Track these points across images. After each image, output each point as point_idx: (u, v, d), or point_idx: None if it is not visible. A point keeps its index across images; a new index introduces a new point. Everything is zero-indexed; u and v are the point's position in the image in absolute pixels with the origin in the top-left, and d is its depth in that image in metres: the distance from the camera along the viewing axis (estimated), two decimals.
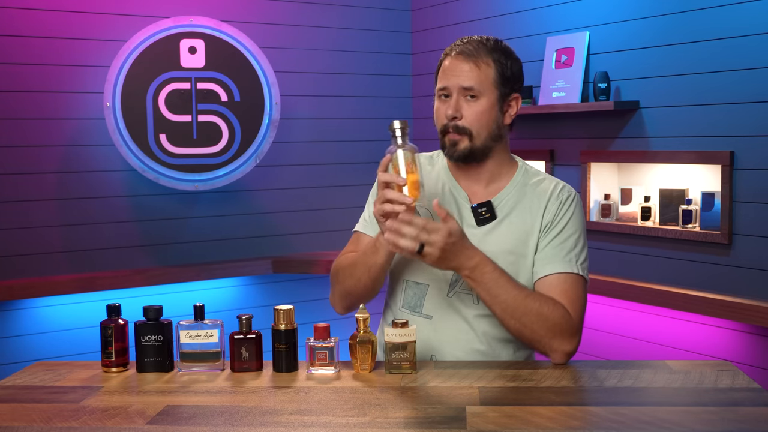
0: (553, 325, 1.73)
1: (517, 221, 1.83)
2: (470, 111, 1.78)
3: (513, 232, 1.82)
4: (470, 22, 3.93)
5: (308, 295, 3.99)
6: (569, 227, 1.81)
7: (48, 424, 1.49)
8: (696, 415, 1.48)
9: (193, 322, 1.83)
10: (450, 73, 1.80)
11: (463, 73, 1.78)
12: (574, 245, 1.81)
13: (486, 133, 1.80)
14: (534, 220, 1.82)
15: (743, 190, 2.86)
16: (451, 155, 1.83)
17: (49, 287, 3.37)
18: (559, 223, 1.81)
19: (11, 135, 3.42)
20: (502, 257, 1.79)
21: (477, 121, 1.78)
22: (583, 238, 1.84)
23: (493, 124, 1.81)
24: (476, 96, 1.78)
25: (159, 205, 3.74)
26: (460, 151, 1.81)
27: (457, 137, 1.80)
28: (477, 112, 1.78)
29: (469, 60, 1.78)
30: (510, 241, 1.82)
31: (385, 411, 1.53)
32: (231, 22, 3.72)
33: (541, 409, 1.52)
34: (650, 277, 3.16)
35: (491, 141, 1.82)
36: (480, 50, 1.79)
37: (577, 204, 1.85)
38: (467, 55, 1.79)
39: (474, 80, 1.77)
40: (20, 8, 3.40)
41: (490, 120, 1.80)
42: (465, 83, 1.77)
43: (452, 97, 1.79)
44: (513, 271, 1.80)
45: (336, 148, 4.13)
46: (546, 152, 3.54)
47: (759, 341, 2.87)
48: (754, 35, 2.80)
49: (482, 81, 1.78)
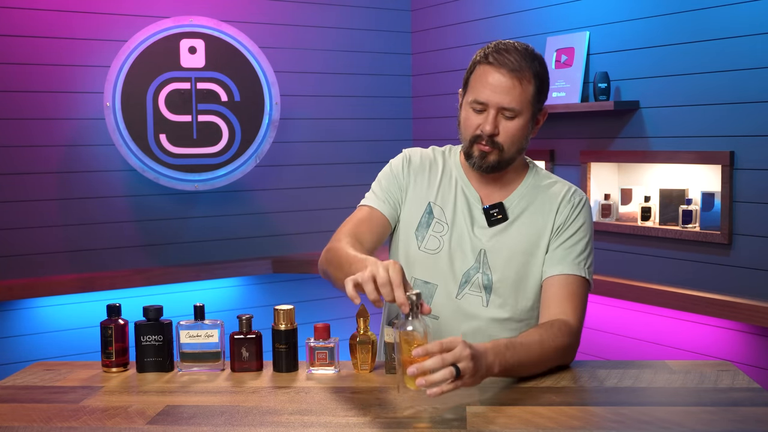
0: (564, 350, 1.73)
1: (528, 222, 1.83)
2: (507, 129, 1.77)
3: (524, 233, 1.83)
4: (470, 22, 3.93)
5: (308, 295, 3.99)
6: (580, 231, 1.83)
7: (48, 424, 1.49)
8: (696, 415, 1.48)
9: (193, 322, 1.83)
10: (490, 89, 1.74)
11: (505, 91, 1.73)
12: (584, 249, 1.82)
13: (516, 148, 1.80)
14: (546, 222, 1.83)
15: (743, 190, 2.86)
16: (480, 166, 1.81)
17: (49, 287, 3.37)
18: (571, 226, 1.82)
19: (12, 135, 3.42)
20: (513, 258, 1.81)
21: (511, 138, 1.77)
22: (592, 243, 1.85)
23: (524, 140, 1.81)
24: (515, 116, 1.76)
25: (159, 205, 3.74)
26: (489, 162, 1.79)
27: (489, 149, 1.78)
28: (514, 130, 1.77)
29: (513, 77, 1.73)
30: (521, 242, 1.82)
31: (385, 411, 1.53)
32: (231, 22, 3.72)
33: (541, 409, 1.52)
34: (650, 277, 3.16)
35: (517, 154, 1.82)
36: (522, 64, 1.74)
37: (588, 208, 1.87)
38: (511, 70, 1.73)
39: (516, 101, 1.74)
40: (20, 8, 3.40)
41: (523, 136, 1.79)
42: (507, 104, 1.74)
43: (489, 113, 1.75)
44: (524, 271, 1.81)
45: (336, 148, 4.13)
46: (546, 152, 3.54)
47: (759, 341, 2.87)
48: (754, 35, 2.80)
49: (522, 101, 1.75)
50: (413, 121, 4.32)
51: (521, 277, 1.82)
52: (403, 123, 4.31)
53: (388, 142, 4.24)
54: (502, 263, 1.81)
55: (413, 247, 1.88)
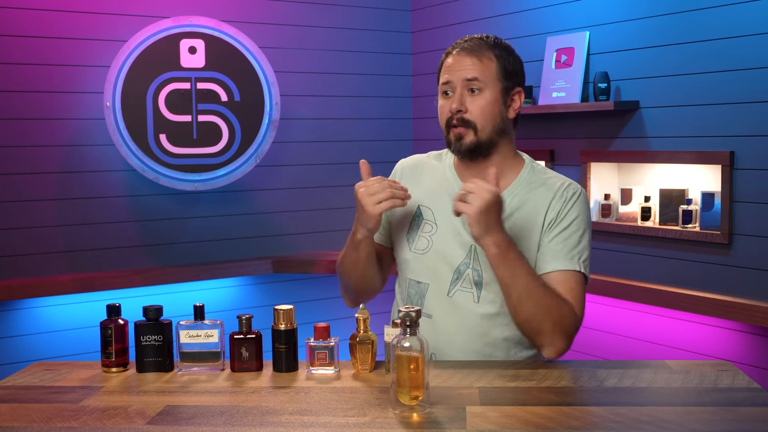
0: (559, 321, 1.73)
1: (522, 218, 1.83)
2: (474, 104, 1.79)
3: (518, 228, 1.82)
4: (470, 22, 3.93)
5: (308, 295, 3.99)
6: (574, 224, 1.80)
7: (48, 424, 1.49)
8: (696, 415, 1.48)
9: (193, 322, 1.83)
10: (453, 68, 1.81)
11: (466, 66, 1.79)
12: (578, 242, 1.80)
13: (491, 126, 1.80)
14: (537, 218, 1.82)
15: (743, 190, 2.86)
16: (457, 150, 1.83)
17: (49, 287, 3.37)
18: (564, 219, 1.80)
19: (12, 135, 3.42)
20: None
21: (482, 114, 1.79)
22: (588, 235, 1.83)
23: (498, 118, 1.81)
24: (480, 89, 1.79)
25: (159, 205, 3.74)
26: (466, 145, 1.81)
27: (463, 131, 1.80)
28: (481, 105, 1.79)
29: (472, 55, 1.80)
30: (514, 237, 1.79)
31: (385, 411, 1.53)
32: (231, 22, 3.72)
33: (541, 409, 1.52)
34: (650, 277, 3.16)
35: (496, 135, 1.82)
36: (482, 46, 1.81)
37: (582, 201, 1.84)
38: (469, 51, 1.80)
39: (477, 72, 1.79)
40: (20, 8, 3.40)
41: (495, 113, 1.80)
42: (468, 75, 1.78)
43: (456, 91, 1.80)
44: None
45: (336, 148, 4.13)
46: (546, 152, 3.54)
47: (759, 341, 2.87)
48: (754, 35, 2.80)
49: (485, 74, 1.79)
50: (413, 121, 4.32)
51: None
52: (403, 123, 4.31)
53: (388, 142, 4.24)
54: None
55: (405, 250, 1.91)
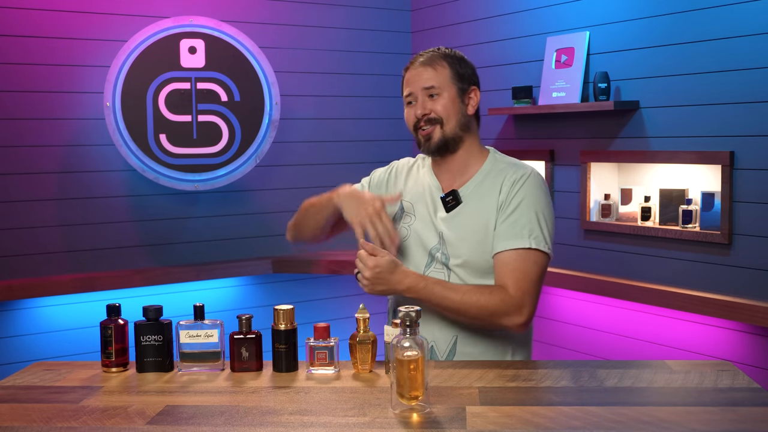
0: (493, 312, 1.88)
1: (479, 205, 1.98)
2: (437, 105, 1.99)
3: (475, 215, 1.97)
4: (470, 22, 3.93)
5: (308, 295, 3.99)
6: (522, 205, 1.94)
7: (48, 424, 1.49)
8: (696, 415, 1.48)
9: (193, 322, 1.83)
10: (412, 80, 2.02)
11: (423, 77, 2.00)
12: (527, 221, 1.93)
13: (454, 120, 2.00)
14: (491, 203, 1.97)
15: (743, 190, 2.86)
16: (427, 149, 2.03)
17: (49, 287, 3.37)
18: (512, 202, 1.94)
19: (11, 135, 3.42)
20: (465, 239, 1.96)
21: (444, 110, 1.99)
22: (541, 213, 1.94)
23: (459, 114, 2.00)
24: (438, 93, 1.99)
25: (159, 205, 3.74)
26: (435, 142, 2.00)
27: (430, 129, 2.00)
28: (442, 103, 2.00)
29: (426, 66, 2.01)
30: (473, 223, 1.96)
31: (385, 411, 1.53)
32: (231, 22, 3.72)
33: (541, 409, 1.52)
34: (650, 277, 3.16)
35: (460, 130, 2.01)
36: (434, 57, 2.02)
37: (530, 182, 1.97)
38: (423, 63, 2.02)
39: (433, 80, 1.99)
40: (20, 8, 3.40)
41: (456, 110, 2.00)
42: (426, 84, 1.99)
43: (418, 100, 2.01)
44: (482, 249, 1.95)
45: (336, 148, 4.13)
46: (546, 152, 3.54)
47: (759, 341, 2.87)
48: (754, 35, 2.80)
49: (440, 79, 1.99)
50: None
51: (475, 257, 1.95)
52: (403, 123, 4.30)
53: (388, 142, 4.24)
54: (456, 244, 1.96)
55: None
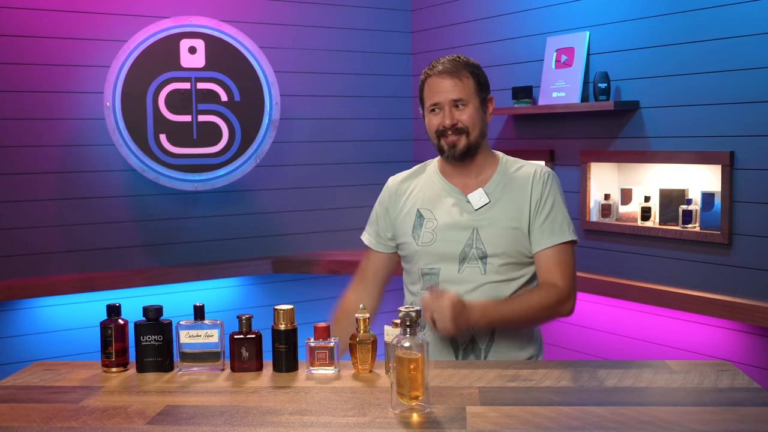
0: (552, 307, 2.04)
1: (509, 201, 2.11)
2: (464, 116, 2.10)
3: (506, 210, 2.10)
4: (470, 22, 3.93)
5: (308, 295, 3.99)
6: (556, 204, 2.12)
7: (48, 424, 1.49)
8: (696, 415, 1.48)
9: (193, 322, 1.83)
10: (438, 90, 2.10)
11: (450, 88, 2.09)
12: (562, 217, 2.12)
13: (478, 129, 2.12)
14: (523, 199, 2.11)
15: (743, 190, 2.86)
16: (452, 155, 2.12)
17: (49, 287, 3.37)
18: (547, 201, 2.11)
19: (11, 135, 3.42)
20: (501, 232, 2.08)
21: (470, 120, 2.11)
22: (565, 206, 2.15)
23: (482, 123, 2.14)
24: (465, 104, 2.10)
25: (159, 205, 3.73)
26: (460, 149, 2.11)
27: (456, 138, 2.10)
28: (468, 114, 2.11)
29: (452, 77, 2.09)
30: (505, 218, 2.10)
31: (385, 411, 1.53)
32: (231, 22, 3.72)
33: (541, 409, 1.52)
34: (650, 277, 3.16)
35: (480, 138, 2.14)
36: (458, 67, 2.11)
37: (554, 180, 2.15)
38: (449, 73, 2.10)
39: (462, 92, 2.09)
40: (20, 8, 3.40)
41: (479, 119, 2.13)
42: (454, 96, 2.09)
43: (444, 110, 2.09)
44: (514, 241, 2.08)
45: (336, 148, 4.13)
46: (546, 152, 3.54)
47: (759, 341, 2.87)
48: (754, 35, 2.80)
49: (466, 91, 2.10)
50: (413, 121, 4.32)
51: (510, 246, 2.08)
52: (403, 123, 4.31)
53: (388, 142, 4.24)
54: (492, 237, 2.08)
55: (413, 246, 2.15)
